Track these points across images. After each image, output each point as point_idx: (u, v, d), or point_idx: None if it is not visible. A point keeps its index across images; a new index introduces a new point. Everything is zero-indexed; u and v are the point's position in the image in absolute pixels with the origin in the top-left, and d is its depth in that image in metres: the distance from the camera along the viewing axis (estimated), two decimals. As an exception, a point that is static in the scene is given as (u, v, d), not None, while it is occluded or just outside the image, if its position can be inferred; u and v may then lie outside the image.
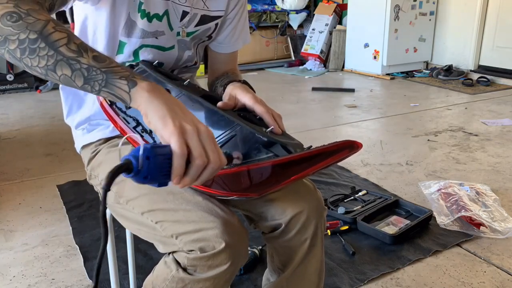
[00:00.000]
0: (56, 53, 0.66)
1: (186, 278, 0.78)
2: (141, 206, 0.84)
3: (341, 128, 3.14)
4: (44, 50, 0.66)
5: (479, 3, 4.51)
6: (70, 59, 0.66)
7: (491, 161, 2.47)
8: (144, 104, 0.65)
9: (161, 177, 0.61)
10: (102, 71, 0.66)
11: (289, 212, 0.89)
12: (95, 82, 0.66)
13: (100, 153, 0.97)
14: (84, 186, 2.19)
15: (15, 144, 2.88)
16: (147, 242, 0.89)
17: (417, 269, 1.54)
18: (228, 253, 0.75)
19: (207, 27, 1.02)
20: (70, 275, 1.53)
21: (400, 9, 4.68)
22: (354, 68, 5.15)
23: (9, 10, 0.66)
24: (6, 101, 3.96)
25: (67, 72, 0.66)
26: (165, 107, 0.64)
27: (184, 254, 0.77)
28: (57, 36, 0.66)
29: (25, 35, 0.65)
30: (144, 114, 0.65)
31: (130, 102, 0.66)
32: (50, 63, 0.66)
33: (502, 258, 1.58)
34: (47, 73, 0.67)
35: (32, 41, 0.65)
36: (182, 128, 0.62)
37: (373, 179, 2.25)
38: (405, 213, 1.88)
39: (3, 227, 1.85)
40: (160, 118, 0.63)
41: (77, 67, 0.66)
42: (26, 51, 0.66)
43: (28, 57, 0.66)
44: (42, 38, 0.66)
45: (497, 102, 3.76)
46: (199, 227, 0.76)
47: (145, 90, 0.66)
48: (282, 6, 5.61)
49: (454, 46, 4.85)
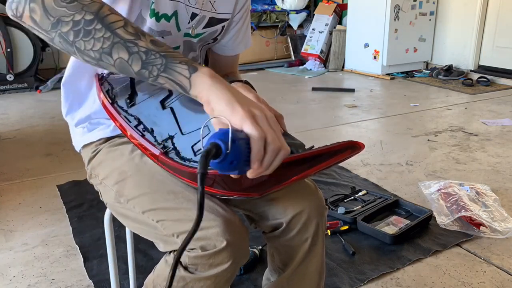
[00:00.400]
0: (113, 35, 0.63)
1: (187, 277, 0.78)
2: (141, 205, 0.84)
3: (341, 128, 3.14)
4: (101, 31, 0.63)
5: (479, 3, 4.51)
6: (128, 42, 0.63)
7: (491, 161, 2.47)
8: (206, 91, 0.63)
9: (243, 163, 0.59)
10: (162, 55, 0.64)
11: (290, 212, 0.89)
12: (153, 66, 0.64)
13: (100, 153, 0.97)
14: (84, 186, 2.19)
15: (15, 144, 2.88)
16: (147, 242, 0.89)
17: (417, 269, 1.54)
18: (229, 252, 0.75)
19: (214, 30, 1.02)
20: (70, 275, 1.53)
21: (400, 9, 4.68)
22: (354, 68, 5.15)
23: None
24: (6, 101, 3.97)
25: (123, 56, 0.64)
26: (230, 93, 0.62)
27: (185, 253, 0.77)
28: (114, 18, 0.64)
29: (81, 16, 0.63)
30: (206, 102, 0.63)
31: (190, 89, 0.64)
32: (106, 46, 0.64)
33: (502, 258, 1.58)
34: (101, 57, 0.64)
35: (88, 22, 0.63)
36: (252, 113, 0.61)
37: (373, 179, 2.25)
38: (405, 213, 1.88)
39: (3, 227, 1.85)
40: (227, 104, 0.61)
41: (135, 50, 0.64)
42: (81, 33, 0.63)
43: (82, 40, 0.63)
44: (99, 19, 0.63)
45: (497, 102, 3.76)
46: (200, 226, 0.76)
47: (207, 75, 0.63)
48: (282, 6, 5.61)
49: (454, 46, 4.85)
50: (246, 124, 0.59)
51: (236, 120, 0.60)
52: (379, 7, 4.69)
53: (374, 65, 4.89)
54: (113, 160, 0.93)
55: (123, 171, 0.89)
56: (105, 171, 0.93)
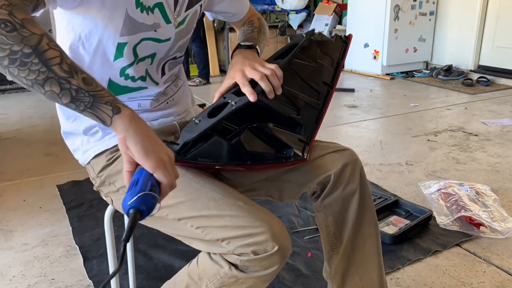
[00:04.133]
0: (48, 71, 0.68)
1: (240, 275, 0.82)
2: (178, 212, 0.86)
3: (341, 128, 3.14)
4: (37, 65, 0.67)
5: (479, 3, 4.51)
6: (61, 79, 0.69)
7: (491, 161, 2.47)
8: (124, 132, 0.71)
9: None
10: (90, 94, 0.70)
11: (338, 164, 0.99)
12: (81, 102, 0.70)
13: (121, 160, 0.93)
14: (84, 186, 2.19)
15: (15, 144, 2.88)
16: (147, 242, 0.89)
17: (417, 269, 1.54)
18: (280, 254, 0.80)
19: (194, 10, 1.03)
20: (70, 275, 1.53)
21: (400, 9, 4.68)
22: (354, 68, 5.15)
23: (3, 18, 0.66)
24: (6, 101, 3.97)
25: (55, 89, 0.69)
26: (145, 139, 0.71)
27: (235, 257, 0.81)
28: (51, 54, 0.68)
29: (19, 48, 0.66)
30: (121, 139, 0.71)
31: (110, 125, 0.71)
32: (40, 78, 0.68)
33: (502, 258, 1.58)
34: (33, 85, 0.69)
35: (25, 55, 0.66)
36: (163, 160, 0.71)
37: (373, 179, 2.25)
38: (405, 213, 1.88)
39: (3, 227, 1.85)
40: (142, 149, 0.70)
41: (67, 87, 0.69)
42: (17, 62, 0.67)
43: (18, 68, 0.67)
44: (37, 54, 0.67)
45: (497, 102, 3.76)
46: (248, 232, 0.80)
47: (127, 118, 0.72)
48: (282, 6, 5.62)
49: (454, 46, 4.85)
50: (158, 172, 0.70)
51: (149, 167, 0.70)
52: (379, 7, 4.69)
53: (374, 65, 4.89)
54: None
55: None
56: None
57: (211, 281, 0.85)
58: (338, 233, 1.03)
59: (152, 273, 1.50)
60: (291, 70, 0.97)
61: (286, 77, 0.93)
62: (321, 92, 1.00)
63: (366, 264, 1.04)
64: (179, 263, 1.55)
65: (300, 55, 1.00)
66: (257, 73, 0.91)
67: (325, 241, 1.05)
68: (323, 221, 1.04)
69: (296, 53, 0.99)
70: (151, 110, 1.03)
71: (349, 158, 1.01)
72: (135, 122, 0.72)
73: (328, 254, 1.06)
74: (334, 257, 1.04)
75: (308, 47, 1.03)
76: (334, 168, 0.99)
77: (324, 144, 1.05)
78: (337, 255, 1.04)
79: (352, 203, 1.00)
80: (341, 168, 0.99)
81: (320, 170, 1.00)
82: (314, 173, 1.00)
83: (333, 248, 1.04)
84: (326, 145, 1.04)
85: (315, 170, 1.00)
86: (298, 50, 1.00)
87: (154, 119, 1.02)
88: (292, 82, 0.95)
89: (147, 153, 0.71)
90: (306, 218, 1.87)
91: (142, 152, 0.70)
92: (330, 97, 1.01)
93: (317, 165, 1.00)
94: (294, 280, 1.48)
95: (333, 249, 1.04)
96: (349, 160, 1.01)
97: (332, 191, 1.00)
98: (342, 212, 1.01)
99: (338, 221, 1.02)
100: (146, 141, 0.71)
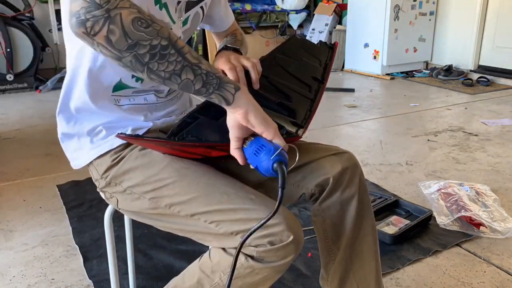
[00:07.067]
0: (183, 60, 0.74)
1: (255, 265, 0.83)
2: (190, 208, 0.86)
3: (341, 128, 3.14)
4: (174, 56, 0.73)
5: (479, 3, 4.51)
6: (194, 65, 0.75)
7: (491, 161, 2.47)
8: (245, 106, 0.78)
9: None
10: (216, 76, 0.77)
11: (337, 167, 1.00)
12: (210, 85, 0.76)
13: (127, 160, 0.93)
14: (84, 186, 2.19)
15: (15, 144, 2.88)
16: (147, 242, 0.89)
17: (417, 269, 1.54)
18: (295, 244, 0.82)
19: (195, 12, 1.03)
20: (70, 275, 1.53)
21: (400, 9, 4.68)
22: (354, 68, 5.15)
23: (137, 16, 0.70)
24: (6, 101, 3.97)
25: (190, 77, 0.75)
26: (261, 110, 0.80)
27: (252, 248, 0.82)
28: (181, 43, 0.74)
29: (157, 41, 0.71)
30: (243, 113, 0.78)
31: (232, 102, 0.78)
32: (177, 68, 0.74)
33: (502, 258, 1.58)
34: (170, 77, 0.74)
35: (163, 47, 0.72)
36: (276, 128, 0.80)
37: (373, 179, 2.25)
38: (405, 213, 1.88)
39: (3, 227, 1.85)
40: (263, 120, 0.79)
41: (199, 72, 0.75)
42: (156, 56, 0.72)
43: (157, 62, 0.72)
44: (172, 45, 0.73)
45: (497, 102, 3.76)
46: (265, 224, 0.82)
47: (245, 93, 0.79)
48: (282, 6, 5.62)
49: (454, 46, 4.85)
50: (276, 137, 0.79)
51: (270, 134, 0.79)
52: (379, 7, 4.69)
53: (374, 65, 4.89)
54: (147, 167, 0.91)
55: (161, 178, 0.89)
56: (136, 179, 0.91)
57: (225, 273, 0.85)
58: (336, 238, 1.03)
59: (152, 273, 1.51)
60: (274, 62, 1.03)
61: (271, 68, 1.00)
62: (312, 86, 1.03)
63: (364, 270, 1.04)
64: (179, 263, 1.55)
65: (282, 50, 1.07)
66: (244, 62, 0.97)
67: (322, 247, 1.06)
68: (320, 226, 1.04)
69: (277, 49, 1.06)
70: (155, 107, 1.02)
71: (349, 162, 1.01)
72: (250, 97, 0.80)
73: (325, 260, 1.06)
74: (331, 264, 1.05)
75: (289, 45, 1.09)
76: (333, 171, 0.99)
77: (324, 147, 1.05)
78: (333, 262, 1.04)
79: (351, 207, 1.00)
80: (340, 171, 0.99)
81: (318, 172, 1.00)
82: (313, 174, 1.00)
83: (330, 253, 1.04)
84: (326, 147, 1.05)
85: (313, 172, 1.00)
86: (279, 47, 1.07)
87: (157, 118, 1.03)
88: (278, 73, 1.02)
89: (267, 122, 0.79)
90: (306, 218, 1.87)
91: (263, 122, 0.78)
92: (321, 91, 1.03)
93: (315, 166, 1.00)
94: (294, 280, 1.48)
95: (330, 255, 1.04)
96: (348, 164, 1.01)
97: (331, 194, 1.00)
98: (340, 215, 1.01)
99: (336, 225, 1.02)
100: (262, 112, 0.80)
